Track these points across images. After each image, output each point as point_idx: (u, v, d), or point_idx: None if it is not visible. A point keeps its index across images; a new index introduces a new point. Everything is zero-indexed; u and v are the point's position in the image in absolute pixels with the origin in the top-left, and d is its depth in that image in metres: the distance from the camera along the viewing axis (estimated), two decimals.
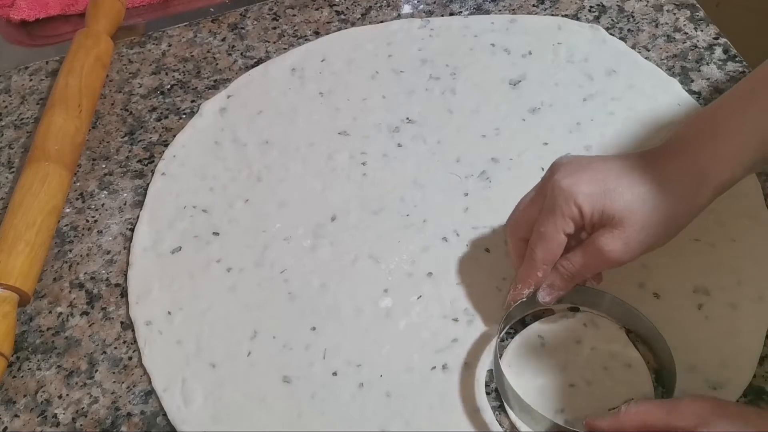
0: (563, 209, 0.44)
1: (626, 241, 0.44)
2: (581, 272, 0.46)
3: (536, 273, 0.46)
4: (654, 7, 0.68)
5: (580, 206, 0.44)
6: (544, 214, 0.45)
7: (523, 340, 0.49)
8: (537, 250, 0.45)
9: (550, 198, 0.45)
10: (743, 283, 0.50)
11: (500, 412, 0.47)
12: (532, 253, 0.46)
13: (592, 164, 0.46)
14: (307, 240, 0.55)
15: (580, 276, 0.46)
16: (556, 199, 0.44)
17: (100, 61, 0.65)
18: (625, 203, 0.44)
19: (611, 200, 0.44)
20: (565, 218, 0.44)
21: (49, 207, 0.55)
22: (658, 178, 0.44)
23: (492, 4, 0.69)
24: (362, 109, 0.62)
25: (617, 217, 0.44)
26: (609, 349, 0.48)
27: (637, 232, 0.44)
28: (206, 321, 0.51)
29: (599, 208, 0.44)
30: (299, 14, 0.71)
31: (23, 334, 0.52)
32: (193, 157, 0.60)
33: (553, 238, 0.45)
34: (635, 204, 0.44)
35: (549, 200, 0.45)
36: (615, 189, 0.44)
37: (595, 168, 0.45)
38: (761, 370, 0.47)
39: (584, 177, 0.45)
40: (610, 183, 0.44)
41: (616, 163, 0.46)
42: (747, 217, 0.53)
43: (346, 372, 0.49)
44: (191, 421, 0.47)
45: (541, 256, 0.45)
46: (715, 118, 0.46)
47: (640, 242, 0.44)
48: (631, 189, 0.44)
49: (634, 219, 0.44)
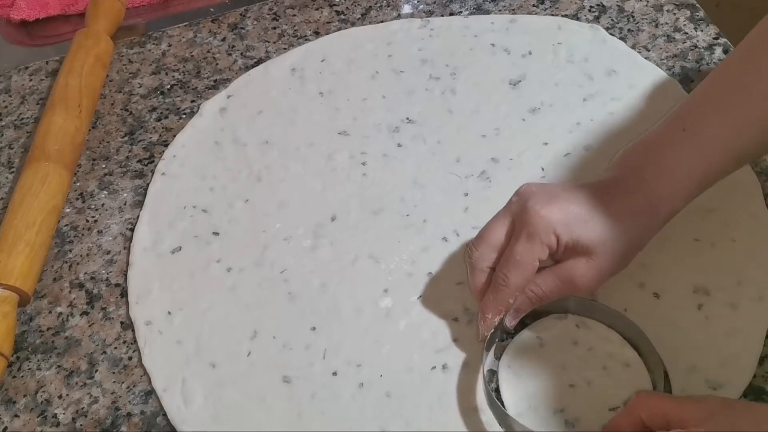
0: (542, 237, 0.45)
1: (599, 270, 0.46)
2: (549, 297, 0.47)
3: (509, 300, 0.46)
4: (654, 7, 0.68)
5: (559, 235, 0.45)
6: (521, 242, 0.45)
7: (523, 340, 0.49)
8: (511, 277, 0.46)
9: (528, 226, 0.45)
10: (743, 283, 0.50)
11: None
12: (505, 280, 0.46)
13: (564, 194, 0.47)
14: (307, 240, 0.55)
15: (546, 300, 0.47)
16: (536, 228, 0.45)
17: (100, 61, 0.65)
18: (598, 234, 0.45)
19: (586, 231, 0.45)
20: (543, 246, 0.45)
21: (49, 207, 0.55)
22: (623, 209, 0.46)
23: (492, 4, 0.69)
24: (362, 109, 0.62)
25: (591, 246, 0.45)
26: (606, 349, 0.48)
27: (608, 261, 0.46)
28: (206, 321, 0.51)
29: (575, 238, 0.45)
30: (299, 14, 0.71)
31: (23, 334, 0.52)
32: (193, 157, 0.60)
33: (529, 265, 0.45)
34: (605, 234, 0.45)
35: (526, 228, 0.45)
36: (589, 220, 0.45)
37: (567, 198, 0.46)
38: (761, 370, 0.47)
39: (560, 206, 0.45)
40: (584, 214, 0.45)
41: (584, 192, 0.47)
42: (747, 217, 0.53)
43: (346, 372, 0.49)
44: (191, 421, 0.47)
45: (515, 283, 0.46)
46: (655, 156, 0.47)
47: (609, 271, 0.46)
48: (603, 219, 0.45)
49: (605, 249, 0.45)
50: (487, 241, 0.47)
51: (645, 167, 0.47)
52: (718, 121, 0.47)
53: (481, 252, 0.47)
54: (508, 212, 0.47)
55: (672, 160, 0.47)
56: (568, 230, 0.45)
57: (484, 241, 0.47)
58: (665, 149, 0.47)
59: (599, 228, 0.45)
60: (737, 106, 0.47)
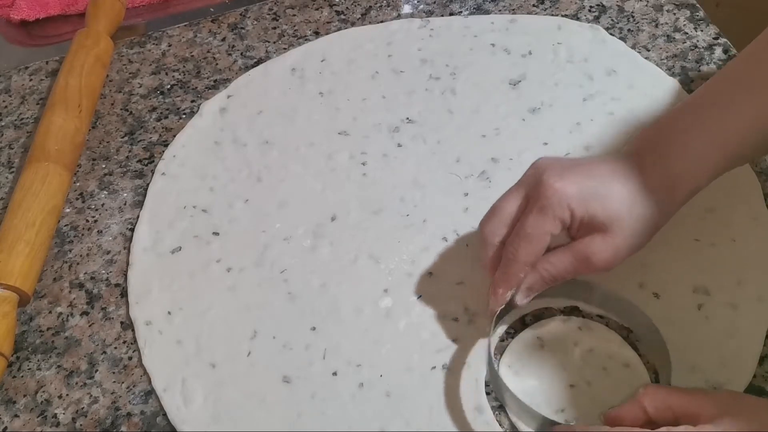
0: (555, 211, 0.43)
1: (615, 247, 0.44)
2: (563, 275, 0.45)
3: (519, 275, 0.45)
4: (654, 7, 0.68)
5: (573, 209, 0.43)
6: (533, 215, 0.44)
7: (523, 341, 0.49)
8: (521, 252, 0.44)
9: (541, 199, 0.44)
10: (743, 283, 0.50)
11: (500, 412, 0.47)
12: (515, 254, 0.44)
13: (580, 167, 0.45)
14: (307, 240, 0.55)
15: (560, 279, 0.46)
16: (549, 201, 0.43)
17: (100, 61, 0.65)
18: (615, 209, 0.44)
19: (602, 205, 0.44)
20: (556, 220, 0.44)
21: (49, 207, 0.55)
22: (640, 186, 0.44)
23: (492, 4, 0.69)
24: (362, 109, 0.62)
25: (607, 223, 0.44)
26: (606, 349, 0.48)
27: (625, 238, 0.44)
28: (206, 321, 0.51)
29: (591, 213, 0.44)
30: (299, 14, 0.71)
31: (23, 334, 0.52)
32: (193, 157, 0.60)
33: (540, 239, 0.44)
34: (623, 210, 0.44)
35: (539, 201, 0.44)
36: (605, 195, 0.44)
37: (584, 172, 0.45)
38: (761, 370, 0.47)
39: (575, 180, 0.44)
40: (600, 188, 0.44)
41: (601, 168, 0.45)
42: (747, 217, 0.53)
43: (346, 372, 0.49)
44: (191, 421, 0.47)
45: (524, 258, 0.44)
46: (677, 133, 0.46)
47: (626, 249, 0.45)
48: (620, 195, 0.44)
49: (622, 226, 0.44)
50: (498, 215, 0.46)
51: (666, 144, 0.45)
52: (747, 98, 0.45)
53: (492, 226, 0.46)
54: (522, 185, 0.46)
55: (695, 137, 0.45)
56: (584, 205, 0.43)
57: (496, 214, 0.46)
58: (688, 126, 0.46)
59: (616, 204, 0.44)
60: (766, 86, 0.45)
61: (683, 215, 0.53)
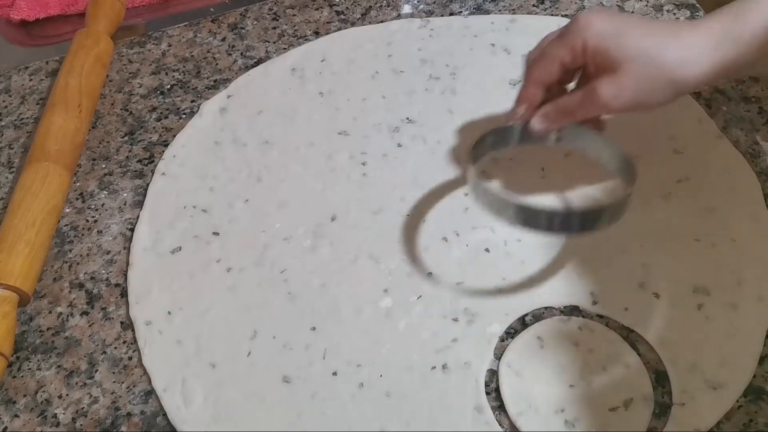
0: (571, 37, 0.46)
1: (619, 88, 0.45)
2: (574, 110, 0.47)
3: (529, 90, 0.48)
4: (654, 7, 0.68)
5: (586, 40, 0.45)
6: (554, 39, 0.48)
7: (523, 341, 0.49)
8: (533, 69, 0.48)
9: (565, 26, 0.47)
10: (743, 283, 0.50)
11: (500, 412, 0.47)
12: (529, 70, 0.49)
13: (618, 13, 0.47)
14: (307, 240, 0.55)
15: (573, 114, 0.48)
16: (569, 28, 0.46)
17: (100, 61, 0.65)
18: (628, 50, 0.44)
19: (616, 44, 0.45)
20: (568, 47, 0.46)
21: (49, 207, 0.55)
22: (670, 38, 0.44)
23: (492, 4, 0.69)
24: (362, 109, 0.62)
25: (616, 62, 0.45)
26: (607, 350, 0.48)
27: (631, 81, 0.45)
28: (206, 321, 0.51)
29: (604, 48, 0.45)
30: (299, 14, 0.71)
31: (23, 334, 0.52)
32: (193, 157, 0.60)
33: (552, 59, 0.47)
34: (637, 54, 0.44)
35: (564, 29, 0.47)
36: (623, 34, 0.45)
37: (615, 14, 0.46)
38: (761, 370, 0.47)
39: (602, 17, 0.46)
40: (621, 27, 0.45)
41: (638, 17, 0.47)
42: (747, 217, 0.53)
43: (346, 372, 0.49)
44: (191, 421, 0.47)
45: (535, 75, 0.48)
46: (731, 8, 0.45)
47: (634, 92, 0.45)
48: (639, 39, 0.44)
49: (631, 68, 0.44)
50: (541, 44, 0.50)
51: (719, 12, 0.45)
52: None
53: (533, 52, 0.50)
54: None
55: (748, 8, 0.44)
56: (597, 39, 0.45)
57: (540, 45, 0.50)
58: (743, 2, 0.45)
59: (632, 44, 0.44)
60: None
61: (683, 215, 0.53)
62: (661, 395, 0.46)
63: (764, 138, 0.58)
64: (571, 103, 0.47)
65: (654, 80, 0.45)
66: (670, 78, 0.44)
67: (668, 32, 0.45)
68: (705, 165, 0.56)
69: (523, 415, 0.46)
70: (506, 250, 0.53)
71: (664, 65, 0.44)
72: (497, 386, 0.47)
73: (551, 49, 0.47)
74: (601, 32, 0.45)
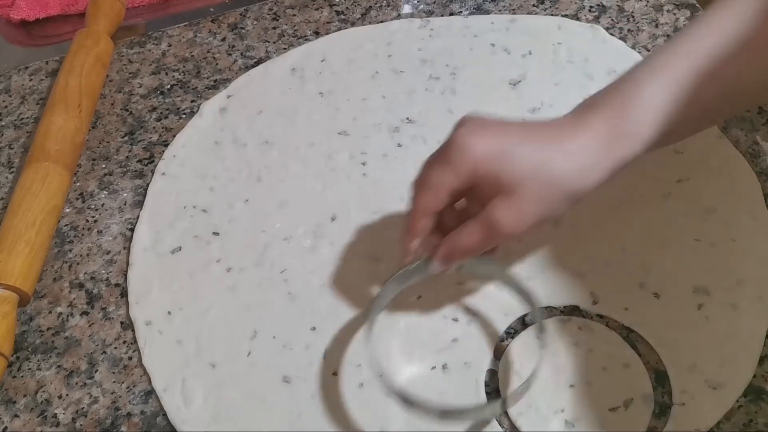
0: (456, 165, 0.42)
1: (519, 212, 0.42)
2: (476, 246, 0.44)
3: (419, 223, 0.44)
4: (654, 7, 0.68)
5: (474, 166, 0.42)
6: (436, 165, 0.43)
7: (523, 341, 0.49)
8: (419, 200, 0.44)
9: (446, 150, 0.43)
10: (743, 283, 0.50)
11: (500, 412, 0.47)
12: (415, 200, 0.44)
13: (496, 125, 0.44)
14: (307, 240, 0.55)
15: (476, 251, 0.44)
16: (452, 154, 0.42)
17: (100, 61, 0.65)
18: (520, 171, 0.42)
19: (506, 166, 0.42)
20: (455, 174, 0.42)
21: (49, 207, 0.55)
22: (560, 150, 0.42)
23: (492, 4, 0.69)
24: (362, 109, 0.62)
25: (509, 185, 0.42)
26: (606, 349, 0.48)
27: (531, 202, 0.42)
28: (206, 321, 0.51)
29: (494, 172, 0.42)
30: (299, 14, 0.71)
31: (23, 334, 0.52)
32: (193, 157, 0.60)
33: (439, 190, 0.43)
34: (529, 173, 0.41)
35: (444, 154, 0.43)
36: (512, 154, 0.42)
37: (498, 129, 0.43)
38: (761, 370, 0.47)
39: (485, 136, 0.42)
40: (507, 147, 0.42)
41: (520, 128, 0.44)
42: (747, 217, 0.53)
43: (346, 372, 0.49)
44: (191, 421, 0.47)
45: (423, 206, 0.44)
46: (610, 95, 0.44)
47: (535, 214, 0.42)
48: (529, 157, 0.42)
49: (527, 190, 0.42)
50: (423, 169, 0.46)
51: (603, 104, 0.43)
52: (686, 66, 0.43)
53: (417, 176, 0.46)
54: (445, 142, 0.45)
55: (634, 98, 0.43)
56: (485, 163, 0.42)
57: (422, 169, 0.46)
58: (629, 88, 0.43)
59: (522, 165, 0.41)
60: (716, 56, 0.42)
61: (683, 215, 0.53)
62: (661, 395, 0.46)
63: (764, 138, 0.58)
64: (471, 241, 0.43)
65: (552, 197, 0.42)
66: (567, 191, 0.42)
67: (555, 143, 0.42)
68: (705, 165, 0.56)
69: (523, 415, 0.46)
70: (506, 250, 0.53)
71: (560, 181, 0.42)
72: (497, 386, 0.47)
73: (436, 177, 0.43)
74: (487, 155, 0.42)
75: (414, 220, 0.45)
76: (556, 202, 0.43)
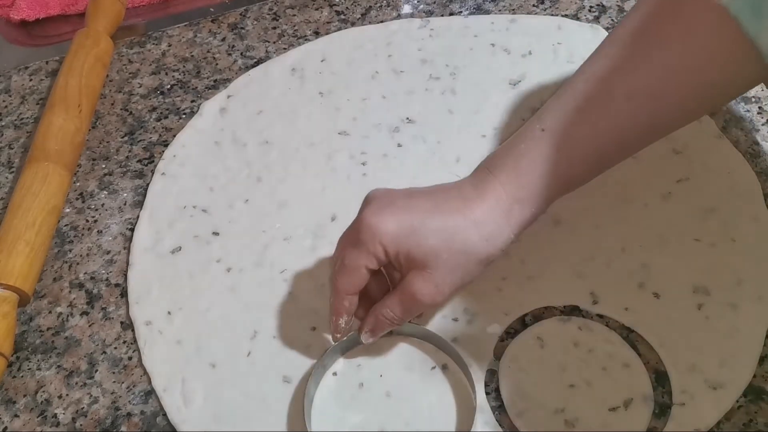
0: (368, 246, 0.43)
1: (435, 285, 0.44)
2: (402, 318, 0.46)
3: (343, 304, 0.45)
4: None
5: (385, 246, 0.43)
6: (350, 248, 0.45)
7: (523, 341, 0.49)
8: (339, 282, 0.45)
9: (357, 233, 0.44)
10: (743, 283, 0.50)
11: (500, 412, 0.47)
12: (335, 283, 0.45)
13: (401, 201, 0.45)
14: (307, 240, 0.55)
15: (399, 322, 0.46)
16: (363, 235, 0.44)
17: (100, 61, 0.65)
18: (430, 246, 0.43)
19: (417, 242, 0.43)
20: (369, 255, 0.44)
21: (49, 207, 0.55)
22: (466, 219, 0.44)
23: (492, 4, 0.69)
24: (362, 109, 0.62)
25: (422, 261, 0.43)
26: (606, 350, 0.48)
27: (445, 274, 0.44)
28: (206, 321, 0.51)
29: (405, 250, 0.43)
30: (299, 14, 0.71)
31: (23, 334, 0.52)
32: (193, 157, 0.60)
33: (356, 271, 0.44)
34: (440, 246, 0.43)
35: (356, 234, 0.44)
36: (420, 230, 0.43)
37: (403, 206, 0.44)
38: (761, 370, 0.47)
39: (394, 213, 0.44)
40: (415, 223, 0.43)
41: (425, 200, 0.45)
42: (747, 217, 0.53)
43: (346, 372, 0.49)
44: (191, 421, 0.47)
45: (343, 288, 0.45)
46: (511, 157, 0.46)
47: (452, 284, 0.44)
48: (438, 231, 0.43)
49: (440, 261, 0.43)
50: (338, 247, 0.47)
51: (500, 168, 0.45)
52: (578, 121, 0.45)
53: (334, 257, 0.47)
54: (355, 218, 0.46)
55: (528, 160, 0.45)
56: (396, 242, 0.43)
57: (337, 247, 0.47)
58: (522, 150, 0.45)
59: (433, 240, 0.43)
60: (597, 108, 0.45)
61: (683, 215, 0.53)
62: (661, 395, 0.46)
63: (764, 138, 0.58)
64: (394, 314, 0.45)
65: (465, 265, 0.44)
66: (478, 259, 0.44)
67: (461, 214, 0.44)
68: (705, 165, 0.56)
69: (523, 415, 0.46)
70: (506, 250, 0.53)
71: (470, 250, 0.44)
72: (497, 386, 0.47)
73: (352, 260, 0.44)
74: (396, 235, 0.43)
75: (338, 301, 0.46)
76: (469, 269, 0.45)
